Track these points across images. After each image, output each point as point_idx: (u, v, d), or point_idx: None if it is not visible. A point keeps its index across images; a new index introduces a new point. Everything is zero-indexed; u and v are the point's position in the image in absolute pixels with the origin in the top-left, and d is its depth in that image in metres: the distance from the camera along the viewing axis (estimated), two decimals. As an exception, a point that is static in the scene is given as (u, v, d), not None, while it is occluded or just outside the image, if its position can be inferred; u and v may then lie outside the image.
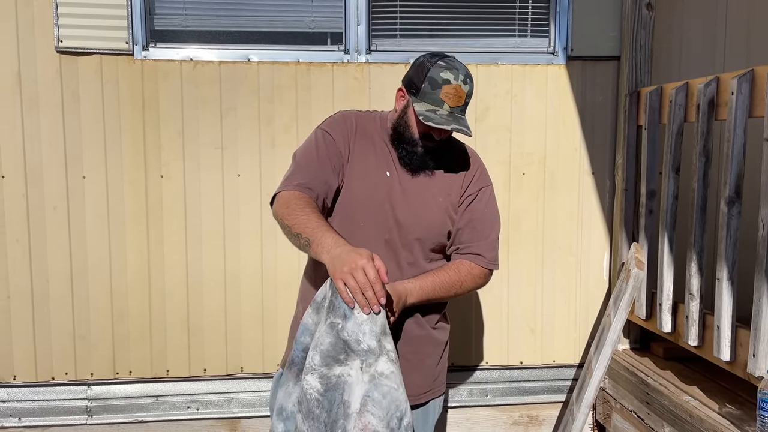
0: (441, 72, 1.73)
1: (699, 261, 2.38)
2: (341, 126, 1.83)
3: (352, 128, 1.84)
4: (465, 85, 1.74)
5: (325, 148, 1.79)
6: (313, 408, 1.52)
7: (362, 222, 1.79)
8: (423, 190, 1.83)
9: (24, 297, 2.77)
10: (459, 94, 1.73)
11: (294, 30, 2.88)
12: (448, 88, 1.72)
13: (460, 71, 1.75)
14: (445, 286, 1.79)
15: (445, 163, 1.86)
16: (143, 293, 2.83)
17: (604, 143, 3.00)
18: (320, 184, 1.75)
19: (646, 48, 2.86)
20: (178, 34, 2.82)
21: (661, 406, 2.48)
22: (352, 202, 1.80)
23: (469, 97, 1.77)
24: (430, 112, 1.72)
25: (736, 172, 2.17)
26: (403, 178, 1.82)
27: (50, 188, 2.75)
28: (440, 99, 1.73)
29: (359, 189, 1.80)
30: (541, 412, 3.11)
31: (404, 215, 1.80)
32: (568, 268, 3.03)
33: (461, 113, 1.76)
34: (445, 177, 1.85)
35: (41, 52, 2.70)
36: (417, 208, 1.81)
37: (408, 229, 1.80)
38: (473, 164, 1.91)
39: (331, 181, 1.77)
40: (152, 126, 2.78)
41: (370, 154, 1.83)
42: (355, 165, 1.81)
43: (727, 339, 2.21)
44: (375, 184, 1.80)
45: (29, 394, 2.82)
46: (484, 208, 1.88)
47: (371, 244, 1.68)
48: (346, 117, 1.87)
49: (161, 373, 2.87)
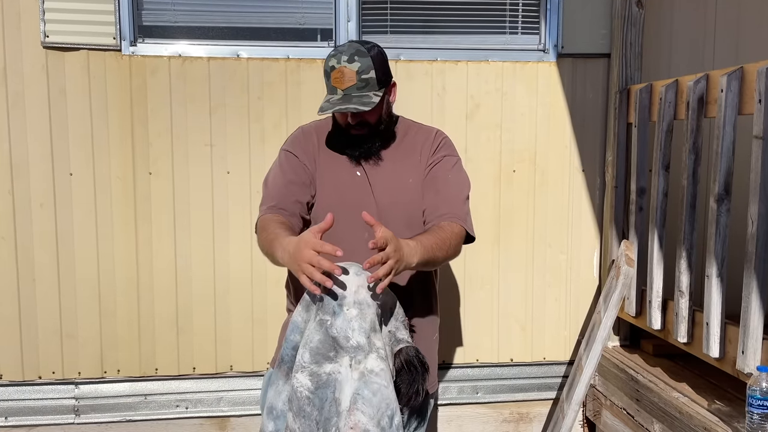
0: (328, 61, 1.79)
1: (688, 258, 2.39)
2: (302, 142, 1.91)
3: (313, 141, 1.91)
4: (351, 63, 1.76)
5: (290, 168, 1.87)
6: (303, 406, 1.51)
7: (342, 225, 1.78)
8: (395, 176, 1.86)
9: (10, 295, 2.74)
10: (346, 75, 1.75)
11: (284, 26, 2.86)
12: (334, 73, 1.76)
13: (344, 53, 1.77)
14: (438, 244, 1.73)
15: (409, 145, 1.91)
16: (131, 291, 2.80)
17: (594, 140, 3.00)
18: (291, 203, 1.83)
19: (636, 45, 2.86)
20: (167, 30, 2.79)
21: (650, 403, 2.49)
22: (326, 209, 1.80)
23: (363, 72, 1.76)
24: (325, 103, 1.78)
25: (725, 169, 2.18)
26: (373, 172, 1.86)
27: (36, 185, 2.72)
28: (332, 86, 1.78)
29: (330, 195, 1.85)
30: (532, 410, 3.11)
31: (384, 207, 1.83)
32: (558, 266, 3.04)
33: (360, 90, 1.76)
34: (410, 157, 1.90)
35: (27, 47, 2.66)
36: (394, 196, 1.85)
37: (392, 219, 1.80)
38: (436, 138, 1.94)
39: (302, 198, 1.85)
40: (140, 123, 2.75)
41: (336, 161, 1.87)
42: (325, 174, 1.87)
43: (716, 336, 2.21)
44: (347, 186, 1.85)
45: (16, 393, 2.79)
46: (447, 173, 1.90)
47: (355, 246, 1.67)
48: (306, 132, 1.95)
49: (150, 371, 2.85)
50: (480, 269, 2.99)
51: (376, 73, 1.78)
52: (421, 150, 1.91)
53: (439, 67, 2.90)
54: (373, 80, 1.78)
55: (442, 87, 2.90)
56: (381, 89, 1.80)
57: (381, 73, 1.80)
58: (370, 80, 1.77)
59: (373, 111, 1.80)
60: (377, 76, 1.78)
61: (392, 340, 1.66)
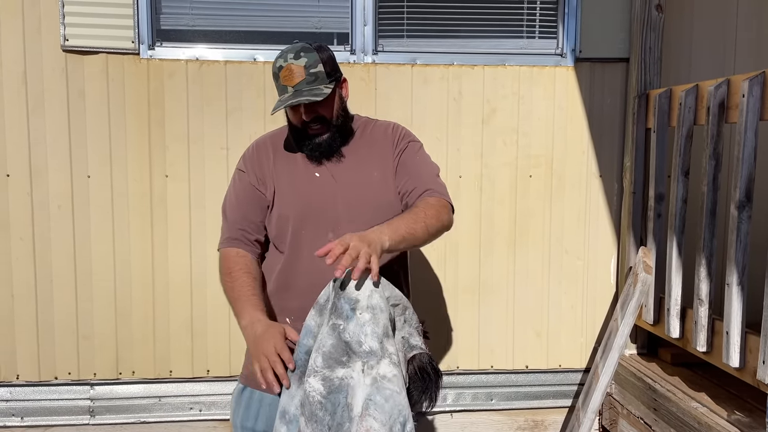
0: (275, 63, 1.80)
1: (708, 265, 2.35)
2: (252, 158, 1.92)
3: (267, 154, 1.91)
4: (298, 59, 1.77)
5: (242, 188, 1.90)
6: (316, 410, 1.50)
7: (303, 231, 1.83)
8: (359, 172, 1.85)
9: (28, 296, 2.77)
10: (294, 71, 1.76)
11: (300, 30, 2.87)
12: (282, 72, 1.78)
13: (290, 51, 1.79)
14: (411, 218, 1.70)
15: (369, 140, 1.91)
16: (147, 293, 2.82)
17: (612, 146, 2.97)
18: (249, 224, 1.88)
19: (656, 50, 2.83)
20: (184, 34, 2.81)
21: (668, 413, 2.45)
22: (287, 215, 1.84)
23: (312, 66, 1.77)
24: (277, 102, 1.79)
25: (746, 175, 2.14)
26: (336, 171, 1.85)
27: (55, 187, 2.74)
28: (283, 86, 1.79)
29: (291, 203, 1.84)
30: (547, 417, 3.08)
31: (350, 204, 1.82)
32: (574, 272, 3.01)
33: (310, 84, 1.77)
34: (373, 152, 1.89)
35: (47, 51, 2.70)
36: (360, 191, 1.83)
37: (359, 215, 1.79)
38: (395, 129, 1.95)
39: (258, 218, 1.88)
40: (157, 126, 2.77)
41: (294, 167, 1.87)
42: (283, 181, 1.87)
43: (736, 345, 2.17)
44: (307, 190, 1.84)
45: (32, 393, 2.82)
46: (415, 157, 1.90)
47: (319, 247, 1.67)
48: (258, 146, 1.95)
49: (164, 373, 2.86)
50: (495, 274, 2.97)
51: (324, 67, 1.79)
52: (382, 143, 1.91)
53: (456, 71, 2.88)
54: (322, 74, 1.79)
55: (458, 91, 2.89)
56: (331, 82, 1.81)
57: (329, 68, 1.81)
58: (319, 74, 1.78)
59: (327, 105, 1.81)
60: (326, 70, 1.79)
61: (405, 347, 1.65)
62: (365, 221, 1.73)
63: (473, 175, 2.93)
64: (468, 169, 2.92)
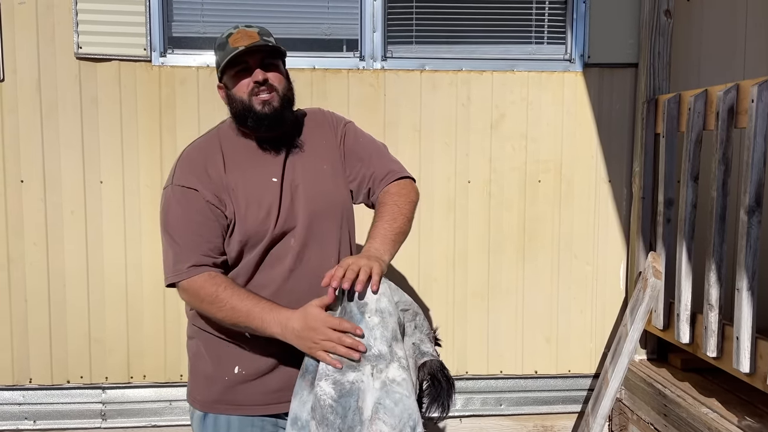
0: (223, 35, 1.75)
1: (718, 271, 2.34)
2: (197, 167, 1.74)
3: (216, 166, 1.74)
4: (250, 28, 1.74)
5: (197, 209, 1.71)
6: (327, 414, 1.51)
7: (266, 245, 1.72)
8: (312, 168, 1.79)
9: (41, 300, 2.80)
10: (247, 33, 1.71)
11: (310, 37, 2.89)
12: (233, 37, 1.71)
13: (239, 26, 1.75)
14: (392, 217, 1.71)
15: (309, 133, 1.85)
16: (158, 297, 2.84)
17: (621, 151, 2.97)
18: (212, 248, 1.70)
19: (665, 55, 2.83)
20: (196, 41, 2.84)
21: (678, 418, 2.44)
22: (248, 226, 1.71)
23: (264, 35, 1.73)
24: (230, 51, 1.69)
25: (756, 180, 2.14)
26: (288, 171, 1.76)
27: (68, 193, 2.77)
28: (233, 47, 1.69)
29: (249, 215, 1.71)
30: (556, 423, 3.07)
31: (310, 199, 1.75)
32: (584, 277, 3.00)
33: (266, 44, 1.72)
34: (317, 144, 1.83)
35: (61, 58, 2.73)
36: (317, 187, 1.77)
37: (321, 211, 1.76)
38: (325, 115, 1.91)
39: (219, 239, 1.71)
40: (169, 132, 2.80)
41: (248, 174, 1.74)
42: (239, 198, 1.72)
43: (746, 350, 2.17)
44: (266, 196, 1.72)
45: (44, 397, 2.84)
46: (358, 140, 1.87)
47: (282, 251, 1.65)
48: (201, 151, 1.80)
49: (175, 377, 2.87)
50: (504, 280, 2.97)
51: (276, 43, 1.75)
52: (322, 132, 1.85)
53: (464, 77, 2.90)
54: (275, 45, 1.74)
55: (467, 97, 2.90)
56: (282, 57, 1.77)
57: (279, 45, 1.76)
58: (270, 41, 1.74)
59: (278, 75, 1.74)
60: (276, 44, 1.75)
61: (416, 353, 1.65)
62: (324, 217, 1.74)
63: (482, 180, 2.93)
64: (477, 175, 2.93)
